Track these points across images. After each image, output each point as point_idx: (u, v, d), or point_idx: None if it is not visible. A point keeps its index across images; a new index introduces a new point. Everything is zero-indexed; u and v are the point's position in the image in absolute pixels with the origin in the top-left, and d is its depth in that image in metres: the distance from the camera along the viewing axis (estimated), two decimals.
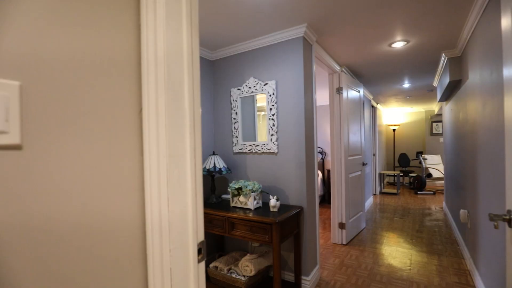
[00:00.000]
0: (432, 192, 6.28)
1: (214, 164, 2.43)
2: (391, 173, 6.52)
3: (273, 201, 2.06)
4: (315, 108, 2.46)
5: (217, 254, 2.68)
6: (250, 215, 2.01)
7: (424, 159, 6.67)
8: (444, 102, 4.39)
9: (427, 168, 6.74)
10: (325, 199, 5.64)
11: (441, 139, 7.40)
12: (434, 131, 7.52)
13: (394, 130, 7.94)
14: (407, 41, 2.61)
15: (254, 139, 2.49)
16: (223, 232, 2.14)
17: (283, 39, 2.30)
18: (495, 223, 0.97)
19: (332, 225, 3.31)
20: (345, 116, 3.26)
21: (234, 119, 2.61)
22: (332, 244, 3.24)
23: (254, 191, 2.18)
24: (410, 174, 7.05)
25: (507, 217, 0.98)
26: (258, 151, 2.46)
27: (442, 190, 6.67)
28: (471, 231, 2.45)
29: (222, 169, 2.42)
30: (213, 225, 2.20)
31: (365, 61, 3.19)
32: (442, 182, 7.37)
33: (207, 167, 2.42)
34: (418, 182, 6.43)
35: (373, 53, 2.92)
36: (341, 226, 3.23)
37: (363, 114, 4.79)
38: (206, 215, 2.24)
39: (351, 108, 3.46)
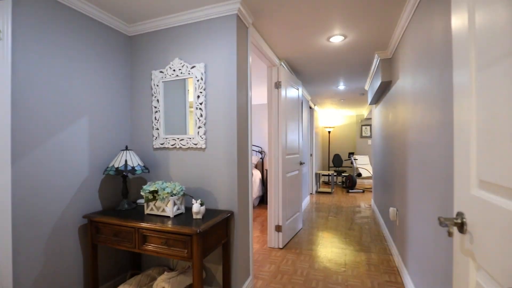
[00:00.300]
0: (361, 191, 6.70)
1: (126, 161, 1.95)
2: (326, 172, 6.75)
3: (196, 207, 1.69)
4: (250, 100, 2.19)
5: (129, 273, 2.18)
6: (168, 224, 1.61)
7: (355, 159, 7.10)
8: (374, 105, 4.64)
9: (357, 168, 7.19)
10: (264, 200, 5.48)
11: (369, 141, 8.02)
12: (363, 134, 8.11)
13: (329, 132, 8.32)
14: (345, 36, 2.54)
15: (180, 132, 2.08)
16: (132, 247, 1.68)
17: (214, 16, 1.97)
18: (449, 230, 0.80)
19: (268, 228, 3.09)
20: (284, 113, 3.08)
21: (155, 107, 2.17)
22: (269, 249, 3.02)
23: (174, 195, 1.78)
24: (343, 174, 7.43)
25: (458, 221, 0.82)
26: (183, 147, 2.07)
27: (370, 188, 7.20)
28: (400, 228, 2.49)
29: (137, 168, 1.96)
30: (120, 239, 1.72)
31: (304, 55, 3.07)
32: (370, 181, 7.99)
33: (116, 166, 1.93)
34: (350, 181, 6.80)
35: (312, 47, 2.80)
36: (278, 229, 3.04)
37: (302, 114, 4.77)
38: (110, 226, 1.75)
39: (290, 105, 3.32)
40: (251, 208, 2.20)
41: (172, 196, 1.77)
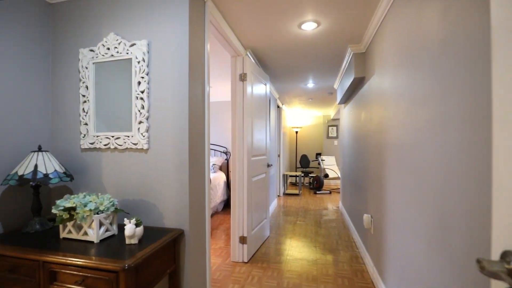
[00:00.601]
0: (328, 192, 6.61)
1: (36, 166, 1.44)
2: (294, 173, 6.56)
3: (129, 228, 1.26)
4: (207, 92, 1.80)
5: None
6: (90, 255, 1.16)
7: (322, 160, 7.02)
8: (343, 105, 4.50)
9: (324, 169, 7.12)
10: (230, 204, 5.09)
11: (336, 142, 8.03)
12: (330, 134, 8.10)
13: (296, 132, 8.17)
14: (318, 24, 2.26)
15: (121, 128, 1.62)
16: None
17: None
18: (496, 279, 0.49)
19: (232, 240, 2.71)
20: (250, 109, 2.73)
21: (84, 96, 1.68)
22: (232, 264, 2.65)
23: (102, 211, 1.33)
24: (310, 175, 7.32)
25: (509, 266, 0.52)
26: (119, 147, 1.61)
27: (337, 189, 7.17)
28: (375, 237, 2.27)
29: (52, 175, 1.46)
30: (19, 276, 1.23)
31: (272, 45, 2.75)
32: (337, 181, 8.00)
33: (21, 173, 1.41)
34: (317, 182, 6.68)
35: (281, 35, 2.49)
36: (243, 240, 2.68)
37: (269, 112, 4.47)
38: (3, 258, 1.24)
39: (257, 102, 2.97)
40: (209, 223, 1.80)
41: (98, 213, 1.31)
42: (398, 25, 1.64)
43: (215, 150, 5.62)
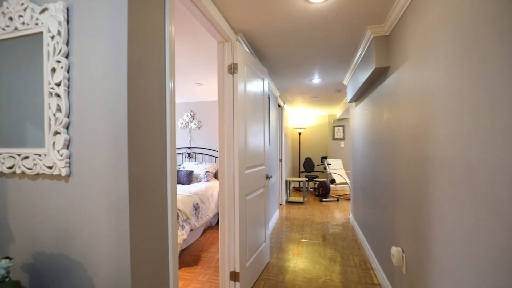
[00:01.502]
0: (336, 199, 6.02)
1: None
2: (297, 179, 5.97)
3: None
4: (170, 85, 1.22)
5: None
6: None
7: (328, 164, 6.43)
8: (354, 103, 3.91)
9: (331, 174, 6.53)
10: None
11: (342, 144, 7.43)
12: (335, 136, 7.50)
13: (299, 133, 7.58)
14: None
15: (26, 143, 1.04)
16: None
17: None
18: None
19: (220, 276, 2.14)
20: (242, 110, 2.15)
21: None
22: None
23: None
24: (315, 180, 6.73)
25: None
26: (29, 171, 1.04)
27: (345, 195, 6.57)
28: (410, 280, 1.68)
29: None
30: None
31: (271, 27, 2.17)
32: (344, 187, 7.40)
33: None
34: (323, 189, 6.09)
35: (283, 12, 1.91)
36: (234, 277, 2.10)
37: (269, 113, 3.89)
38: None
39: (252, 101, 2.40)
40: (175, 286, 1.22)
41: None
42: None
43: (209, 155, 5.05)
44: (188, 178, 4.34)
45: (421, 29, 1.47)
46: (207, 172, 4.50)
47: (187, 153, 5.18)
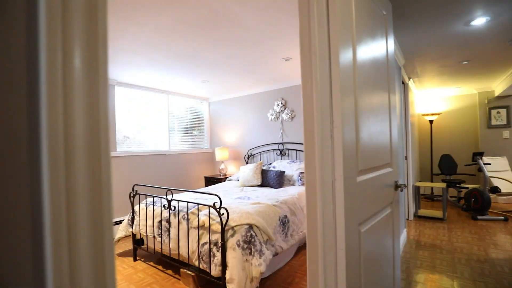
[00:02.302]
0: (503, 218, 3.92)
1: None
2: (432, 185, 4.21)
3: None
4: None
5: None
6: None
7: (486, 164, 4.31)
8: None
9: (490, 179, 4.38)
10: None
11: (506, 134, 4.98)
12: (493, 122, 5.10)
13: (431, 121, 5.57)
14: None
15: None
16: None
17: None
18: None
19: None
20: (348, 68, 1.10)
21: None
22: None
23: None
24: (459, 186, 4.70)
25: None
26: None
27: None
28: None
29: None
30: None
31: None
32: (511, 198, 4.95)
33: None
34: (478, 201, 4.08)
35: None
36: None
37: (394, 88, 2.58)
38: None
39: (368, 66, 1.30)
40: None
41: None
42: None
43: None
44: (279, 180, 3.51)
45: None
46: (301, 173, 3.55)
47: (279, 149, 4.37)
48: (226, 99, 5.22)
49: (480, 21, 2.27)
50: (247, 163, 4.77)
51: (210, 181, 4.77)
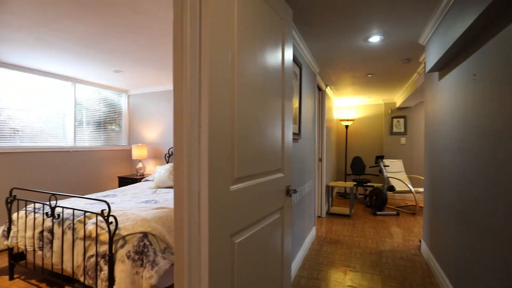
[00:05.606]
0: (395, 213, 4.53)
1: None
2: (343, 184, 4.63)
3: None
4: None
5: None
6: None
7: (386, 166, 4.93)
8: (437, 75, 2.49)
9: (388, 179, 5.02)
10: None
11: (403, 140, 5.80)
12: (394, 130, 5.89)
13: (347, 126, 6.14)
14: None
15: None
16: None
17: None
18: None
19: None
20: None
21: None
22: None
23: None
24: (366, 185, 5.29)
25: None
26: None
27: (406, 207, 5.01)
28: None
29: None
30: None
31: None
32: (405, 196, 5.78)
33: None
34: (378, 198, 4.64)
35: None
36: None
37: (300, 89, 2.69)
38: None
39: (256, 70, 1.26)
40: None
41: None
42: None
43: None
44: None
45: None
46: None
47: None
48: (146, 92, 4.81)
49: (375, 39, 2.52)
50: (167, 162, 4.48)
51: (125, 181, 4.34)
